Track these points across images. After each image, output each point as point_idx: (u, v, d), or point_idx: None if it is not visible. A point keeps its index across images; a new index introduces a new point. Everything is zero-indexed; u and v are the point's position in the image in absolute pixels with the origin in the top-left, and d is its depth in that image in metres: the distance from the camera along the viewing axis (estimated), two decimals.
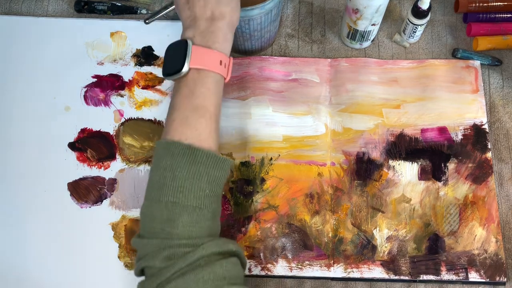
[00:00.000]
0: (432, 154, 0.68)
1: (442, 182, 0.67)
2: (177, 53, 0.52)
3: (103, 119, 0.71)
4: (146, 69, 0.73)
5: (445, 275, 0.63)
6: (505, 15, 0.74)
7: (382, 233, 0.65)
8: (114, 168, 0.69)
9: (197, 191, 0.49)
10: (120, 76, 0.73)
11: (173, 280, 0.46)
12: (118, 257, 0.65)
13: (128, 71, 0.73)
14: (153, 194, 0.50)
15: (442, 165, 0.68)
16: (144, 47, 0.74)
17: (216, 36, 0.53)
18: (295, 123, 0.70)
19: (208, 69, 0.51)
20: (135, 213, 0.67)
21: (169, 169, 0.49)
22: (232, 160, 0.53)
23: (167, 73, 0.53)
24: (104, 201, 0.67)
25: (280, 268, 0.64)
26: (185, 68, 0.51)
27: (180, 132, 0.50)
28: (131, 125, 0.71)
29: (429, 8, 0.68)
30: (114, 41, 0.75)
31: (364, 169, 0.68)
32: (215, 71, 0.52)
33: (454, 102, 0.71)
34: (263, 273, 0.63)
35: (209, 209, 0.50)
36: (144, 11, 0.77)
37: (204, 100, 0.51)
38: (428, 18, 0.69)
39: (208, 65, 0.51)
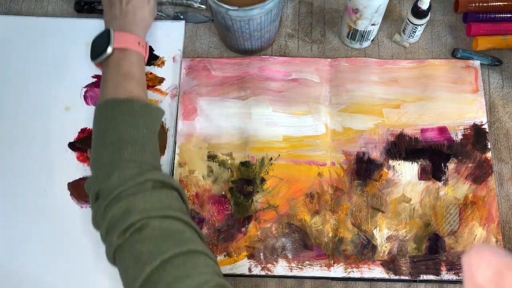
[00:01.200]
0: (432, 154, 0.68)
1: (442, 182, 0.67)
2: (102, 40, 0.61)
3: None
4: (146, 69, 0.73)
5: (445, 275, 0.63)
6: (505, 15, 0.74)
7: (382, 233, 0.65)
8: None
9: (136, 131, 0.55)
10: None
11: (124, 198, 0.50)
12: None
13: None
14: (97, 140, 0.56)
15: (442, 165, 0.68)
16: None
17: (132, 25, 0.63)
18: (295, 123, 0.70)
19: (129, 47, 0.61)
20: None
21: (110, 119, 0.56)
22: (163, 110, 0.61)
23: (96, 55, 0.61)
24: None
25: (280, 268, 0.64)
26: (109, 50, 0.60)
27: (114, 93, 0.58)
28: None
29: (429, 8, 0.68)
30: None
31: (364, 169, 0.68)
32: (135, 49, 0.61)
33: (454, 102, 0.71)
34: (263, 273, 0.63)
35: (149, 144, 0.56)
36: None
37: (130, 68, 0.60)
38: (428, 18, 0.69)
39: (128, 44, 0.61)
